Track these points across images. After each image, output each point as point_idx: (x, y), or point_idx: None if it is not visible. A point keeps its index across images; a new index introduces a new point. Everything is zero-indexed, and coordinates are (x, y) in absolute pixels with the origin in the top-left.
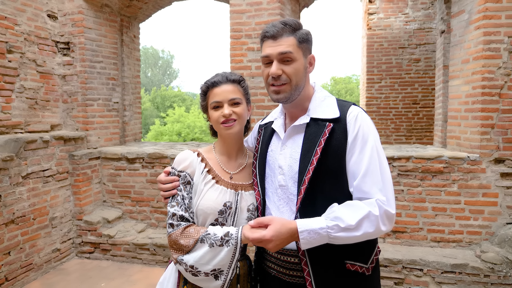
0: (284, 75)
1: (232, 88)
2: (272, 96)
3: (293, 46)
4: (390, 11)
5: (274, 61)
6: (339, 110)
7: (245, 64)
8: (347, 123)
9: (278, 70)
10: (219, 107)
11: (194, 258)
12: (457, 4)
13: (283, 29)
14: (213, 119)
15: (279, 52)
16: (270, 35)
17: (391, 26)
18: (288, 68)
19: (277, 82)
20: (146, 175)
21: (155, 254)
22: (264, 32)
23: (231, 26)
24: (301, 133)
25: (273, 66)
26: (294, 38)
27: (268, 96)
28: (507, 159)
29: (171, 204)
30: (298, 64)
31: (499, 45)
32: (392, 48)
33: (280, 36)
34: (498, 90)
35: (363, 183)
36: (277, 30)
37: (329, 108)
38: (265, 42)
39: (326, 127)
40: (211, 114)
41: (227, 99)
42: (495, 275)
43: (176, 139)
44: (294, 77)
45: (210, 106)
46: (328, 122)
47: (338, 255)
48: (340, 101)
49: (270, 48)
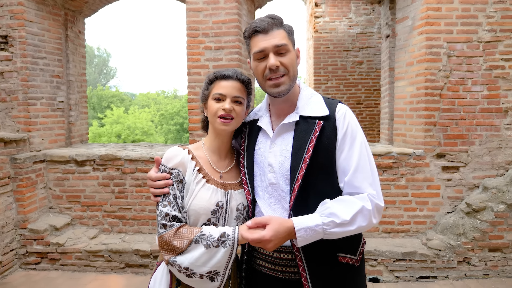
0: (282, 66)
1: (239, 86)
2: (272, 91)
3: (285, 38)
4: (335, 15)
5: (270, 54)
6: (328, 108)
7: (203, 63)
8: (337, 120)
9: (277, 62)
10: (221, 100)
11: (189, 260)
12: (401, 11)
13: (272, 23)
14: (211, 110)
15: (275, 45)
16: (261, 29)
17: (336, 30)
18: (285, 59)
19: (276, 74)
20: (97, 178)
21: (110, 261)
22: (253, 27)
23: (188, 24)
24: (290, 131)
25: (271, 58)
26: (284, 31)
27: None
28: (447, 154)
29: (162, 204)
30: (292, 55)
31: (439, 49)
32: (337, 51)
33: (271, 30)
34: (439, 91)
35: (354, 178)
36: (267, 24)
37: (317, 106)
38: (255, 37)
39: (316, 124)
40: (210, 105)
41: (231, 95)
42: (440, 260)
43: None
44: (291, 67)
45: (212, 96)
46: (317, 120)
47: (330, 248)
48: (326, 99)
49: (263, 42)
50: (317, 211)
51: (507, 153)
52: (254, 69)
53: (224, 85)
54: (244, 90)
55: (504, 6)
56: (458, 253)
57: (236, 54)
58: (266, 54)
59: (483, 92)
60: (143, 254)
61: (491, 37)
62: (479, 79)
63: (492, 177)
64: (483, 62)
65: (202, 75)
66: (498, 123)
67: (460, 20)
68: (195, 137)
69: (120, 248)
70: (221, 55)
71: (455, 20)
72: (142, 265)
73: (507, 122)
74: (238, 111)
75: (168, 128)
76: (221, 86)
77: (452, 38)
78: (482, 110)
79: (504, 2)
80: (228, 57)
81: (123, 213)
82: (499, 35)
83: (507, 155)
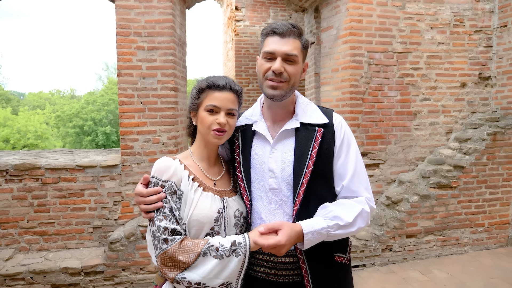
0: (286, 73)
1: (233, 97)
2: (268, 91)
3: (298, 50)
4: (255, 20)
5: (278, 58)
6: (326, 116)
7: (135, 63)
8: (335, 128)
9: (281, 68)
10: (215, 112)
11: (201, 274)
12: (326, 20)
13: (292, 30)
14: (205, 123)
15: (285, 52)
16: (279, 32)
17: (257, 34)
18: (290, 68)
19: (277, 78)
20: (11, 190)
21: (33, 283)
22: (272, 27)
23: (118, 22)
24: (290, 137)
25: (277, 62)
26: (299, 42)
27: (160, 98)
28: (369, 153)
29: (158, 218)
30: (299, 67)
31: (361, 58)
32: (258, 54)
33: (288, 36)
34: (362, 95)
35: (351, 183)
36: (287, 29)
37: (315, 114)
38: (271, 37)
39: (317, 132)
40: (203, 117)
41: (226, 108)
42: (367, 249)
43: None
44: (294, 77)
45: (205, 107)
46: (317, 127)
47: (328, 249)
48: (320, 107)
49: (276, 44)
50: (319, 214)
51: (416, 150)
52: (259, 67)
53: (218, 97)
54: (237, 101)
55: (412, 22)
56: (382, 242)
57: (171, 55)
58: (275, 57)
59: (397, 97)
60: (72, 272)
61: (403, 49)
62: (394, 85)
63: (406, 172)
64: (396, 70)
65: (135, 76)
66: (409, 125)
67: (378, 32)
68: (127, 142)
69: (44, 268)
70: (155, 56)
71: (374, 32)
72: (72, 284)
73: (416, 124)
74: (231, 124)
75: (66, 131)
76: (215, 98)
77: (372, 48)
78: (397, 113)
79: (412, 18)
80: (162, 58)
81: (44, 228)
82: (409, 47)
83: (416, 152)
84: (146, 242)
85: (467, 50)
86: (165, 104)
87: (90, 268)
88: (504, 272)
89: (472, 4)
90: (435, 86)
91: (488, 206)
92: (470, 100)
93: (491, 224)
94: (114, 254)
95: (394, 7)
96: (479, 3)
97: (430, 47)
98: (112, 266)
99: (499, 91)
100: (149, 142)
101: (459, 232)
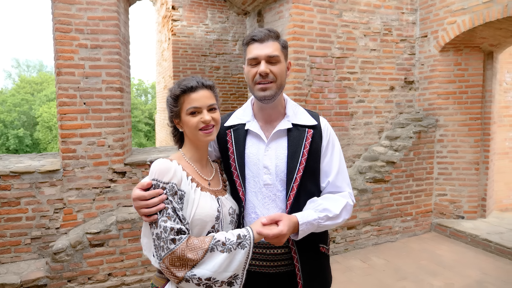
0: (271, 74)
1: (209, 93)
2: (259, 94)
3: (278, 50)
4: (193, 20)
5: (262, 61)
6: (314, 119)
7: (77, 62)
8: (322, 130)
9: (267, 69)
10: (197, 113)
11: (211, 269)
12: (269, 25)
13: (269, 35)
14: (191, 125)
15: (267, 55)
16: (257, 38)
17: (194, 34)
18: (275, 68)
19: (265, 80)
20: None
21: None
22: (251, 36)
23: (56, 17)
24: (283, 136)
25: (262, 65)
26: (278, 43)
27: (105, 99)
28: None
29: (162, 220)
30: (282, 66)
31: (304, 61)
32: (195, 55)
33: (267, 40)
34: (305, 97)
35: (336, 180)
36: (264, 35)
37: (304, 116)
38: (252, 45)
39: (307, 132)
40: (187, 120)
41: (206, 105)
42: None
43: None
44: (280, 76)
45: (186, 111)
46: (307, 128)
47: (314, 241)
48: (307, 110)
49: (258, 50)
50: (309, 207)
51: (353, 148)
52: (246, 74)
53: (195, 98)
54: (213, 95)
55: (348, 29)
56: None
57: (116, 54)
58: (259, 61)
59: (336, 99)
60: None
61: (340, 54)
62: (333, 88)
63: None
64: (335, 74)
65: (77, 75)
66: (347, 124)
67: (318, 38)
68: (69, 145)
69: None
70: (99, 54)
71: (315, 37)
72: None
73: (352, 124)
74: (216, 118)
75: None
76: (192, 100)
77: (313, 53)
78: (336, 114)
79: (348, 26)
80: (107, 57)
81: None
82: (346, 53)
83: (354, 150)
84: (94, 250)
85: (394, 57)
86: (110, 105)
87: (31, 282)
88: (431, 255)
89: (399, 16)
90: (369, 89)
91: (415, 197)
92: (397, 102)
93: (418, 213)
94: (59, 265)
95: (333, 15)
96: (404, 15)
97: (364, 53)
98: (56, 278)
99: (421, 94)
100: (94, 145)
101: (392, 222)
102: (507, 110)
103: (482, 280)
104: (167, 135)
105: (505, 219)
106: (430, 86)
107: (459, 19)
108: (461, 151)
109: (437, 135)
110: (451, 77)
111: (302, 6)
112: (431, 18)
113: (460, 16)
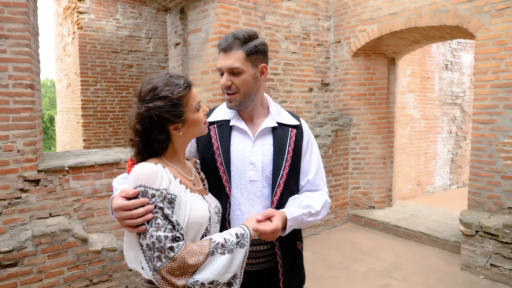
0: (234, 85)
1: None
2: (227, 104)
3: (240, 60)
4: (102, 14)
5: (224, 73)
6: (296, 119)
7: None
8: (303, 130)
9: (227, 82)
10: (200, 107)
11: (214, 272)
12: (193, 23)
13: (234, 42)
14: (200, 121)
15: (228, 67)
16: (222, 48)
17: (104, 29)
18: (237, 79)
19: (229, 91)
20: None
21: None
22: (219, 44)
23: None
24: (268, 134)
25: (223, 78)
26: (242, 52)
27: (13, 97)
28: None
29: (153, 229)
30: (246, 75)
31: None
32: (105, 52)
33: (230, 50)
34: None
35: (315, 178)
36: (228, 44)
37: (287, 116)
38: (220, 53)
39: (290, 131)
40: (196, 118)
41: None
42: None
43: None
44: (242, 87)
45: (194, 108)
46: (291, 128)
47: (293, 238)
48: (288, 111)
49: (222, 60)
50: (292, 204)
51: None
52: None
53: (196, 93)
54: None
55: (271, 31)
56: None
57: (25, 46)
58: (223, 72)
59: None
60: None
61: None
62: None
63: None
64: None
65: None
66: None
67: None
68: None
69: None
70: (4, 45)
71: None
72: None
73: None
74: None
75: None
76: (195, 94)
77: None
78: None
79: (271, 29)
80: (15, 50)
81: None
82: (269, 54)
83: None
84: (5, 271)
85: (312, 60)
86: (19, 104)
87: None
88: (351, 243)
89: (315, 21)
90: (290, 90)
91: (334, 191)
92: (316, 103)
93: (336, 205)
94: None
95: (257, 17)
96: (320, 21)
97: (286, 55)
98: None
99: (336, 95)
100: (0, 150)
101: None
102: (403, 110)
103: (397, 262)
104: (71, 138)
105: (407, 207)
106: (344, 88)
107: (369, 28)
108: (371, 147)
109: (351, 133)
110: (362, 80)
111: (228, 6)
112: (344, 26)
113: (370, 25)
